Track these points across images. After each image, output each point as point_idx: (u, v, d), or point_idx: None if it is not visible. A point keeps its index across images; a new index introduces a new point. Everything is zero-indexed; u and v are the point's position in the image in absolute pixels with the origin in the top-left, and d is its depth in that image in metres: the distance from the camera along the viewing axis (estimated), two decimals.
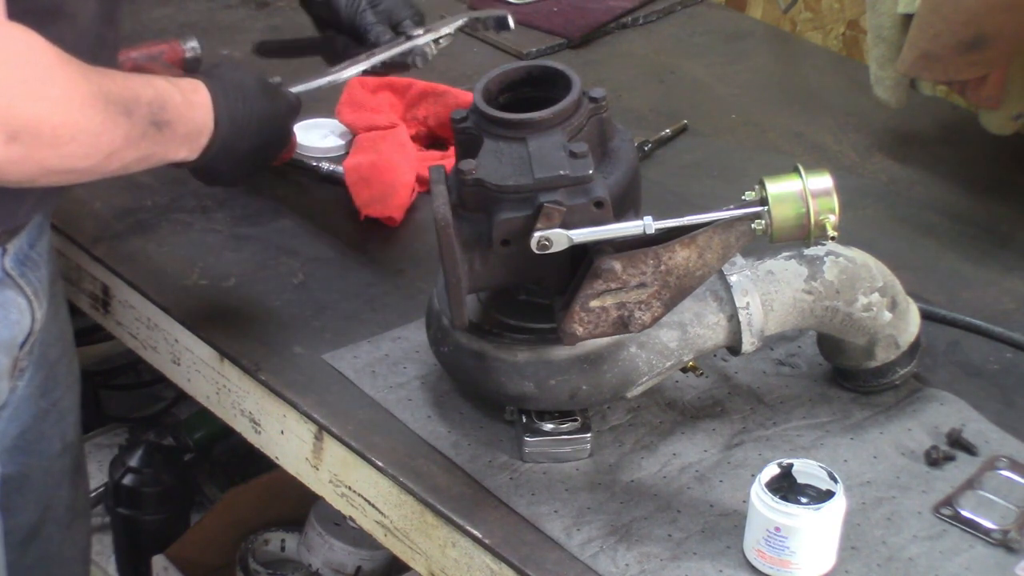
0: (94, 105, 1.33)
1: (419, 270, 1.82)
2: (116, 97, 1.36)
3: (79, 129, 1.32)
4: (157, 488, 2.53)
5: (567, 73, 1.51)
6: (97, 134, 1.34)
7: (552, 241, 1.43)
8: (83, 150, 1.34)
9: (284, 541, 2.46)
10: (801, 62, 2.41)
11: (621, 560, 1.44)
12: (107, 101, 1.35)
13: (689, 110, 2.21)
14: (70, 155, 1.33)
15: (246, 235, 1.87)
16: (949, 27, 1.88)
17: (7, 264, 1.51)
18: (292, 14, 2.40)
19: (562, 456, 1.55)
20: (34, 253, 1.55)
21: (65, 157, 1.33)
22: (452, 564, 1.51)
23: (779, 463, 1.44)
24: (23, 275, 1.53)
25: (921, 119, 2.19)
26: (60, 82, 1.30)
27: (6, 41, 1.26)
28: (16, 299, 1.54)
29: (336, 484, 1.61)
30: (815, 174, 1.45)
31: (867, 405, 1.63)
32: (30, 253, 1.54)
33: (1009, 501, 1.50)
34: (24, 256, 1.53)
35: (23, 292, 1.54)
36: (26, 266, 1.54)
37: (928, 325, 1.69)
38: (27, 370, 1.61)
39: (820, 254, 1.57)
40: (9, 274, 1.51)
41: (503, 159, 1.46)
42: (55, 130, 1.30)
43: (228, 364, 1.70)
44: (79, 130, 1.32)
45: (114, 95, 1.36)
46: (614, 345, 1.51)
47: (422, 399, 1.62)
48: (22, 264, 1.53)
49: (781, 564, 1.41)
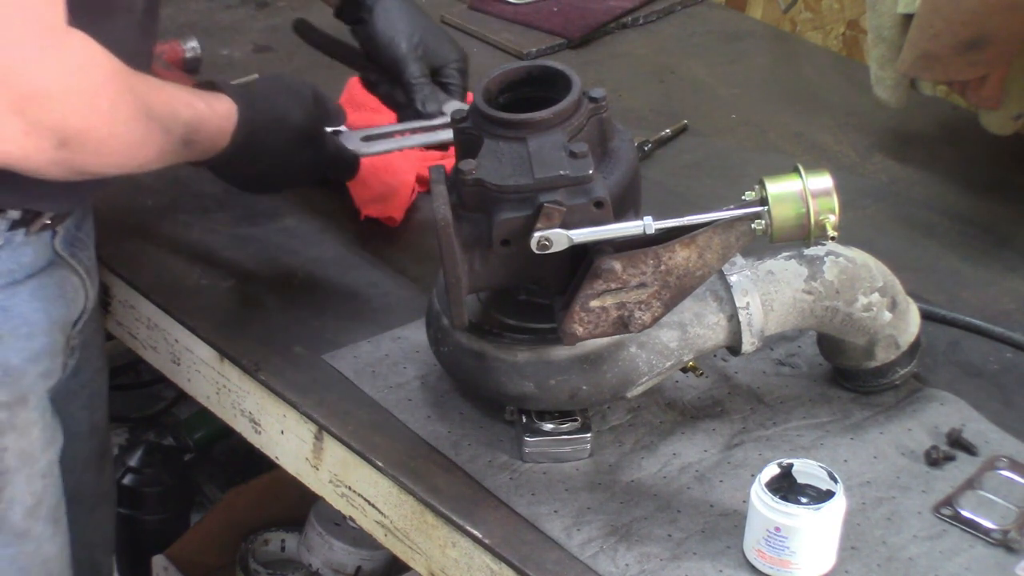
0: (137, 119, 1.42)
1: (419, 270, 1.82)
2: (158, 114, 1.44)
3: (122, 142, 1.42)
4: (157, 488, 2.54)
5: (567, 73, 1.51)
6: (136, 146, 1.44)
7: (552, 241, 1.43)
8: (121, 160, 1.44)
9: (284, 541, 2.46)
10: (801, 62, 2.41)
11: (621, 560, 1.44)
12: (149, 117, 1.43)
13: (689, 110, 2.21)
14: (109, 163, 1.43)
15: (246, 235, 1.87)
16: (949, 27, 1.88)
17: (57, 245, 1.57)
18: (292, 14, 2.40)
19: (562, 456, 1.55)
20: (81, 234, 1.62)
21: (104, 164, 1.43)
22: (452, 564, 1.51)
23: (779, 463, 1.44)
24: (73, 255, 1.59)
25: (921, 119, 2.19)
26: (111, 95, 1.38)
27: (64, 52, 1.34)
28: (70, 277, 1.60)
29: (336, 484, 1.61)
30: (815, 174, 1.45)
31: (867, 405, 1.63)
32: (77, 234, 1.60)
33: (1009, 501, 1.50)
34: (73, 237, 1.59)
35: (76, 271, 1.60)
36: (75, 247, 1.60)
37: (928, 325, 1.69)
38: (77, 349, 1.66)
39: (820, 254, 1.57)
40: (60, 255, 1.57)
41: (503, 159, 1.46)
42: (101, 141, 1.39)
43: (228, 364, 1.70)
44: (122, 142, 1.42)
45: (156, 111, 1.44)
46: (614, 345, 1.51)
47: (422, 399, 1.62)
48: (71, 245, 1.59)
49: (781, 564, 1.41)
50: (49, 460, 1.64)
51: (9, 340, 1.54)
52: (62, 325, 1.60)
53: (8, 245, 1.51)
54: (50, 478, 1.65)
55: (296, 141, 1.64)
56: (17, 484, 1.60)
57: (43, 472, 1.63)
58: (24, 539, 1.63)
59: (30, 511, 1.62)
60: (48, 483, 1.64)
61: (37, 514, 1.63)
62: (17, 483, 1.60)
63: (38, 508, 1.63)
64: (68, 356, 1.64)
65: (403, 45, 1.73)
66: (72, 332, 1.63)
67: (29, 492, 1.62)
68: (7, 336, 1.54)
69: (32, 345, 1.56)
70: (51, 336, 1.58)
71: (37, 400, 1.59)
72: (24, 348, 1.55)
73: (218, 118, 1.55)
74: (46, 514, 1.65)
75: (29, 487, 1.61)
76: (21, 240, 1.52)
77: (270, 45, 2.32)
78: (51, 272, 1.57)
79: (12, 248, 1.52)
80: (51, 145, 1.36)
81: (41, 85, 1.33)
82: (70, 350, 1.64)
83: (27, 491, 1.61)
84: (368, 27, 1.76)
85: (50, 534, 1.66)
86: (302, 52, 2.29)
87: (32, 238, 1.53)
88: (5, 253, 1.52)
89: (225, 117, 1.56)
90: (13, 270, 1.53)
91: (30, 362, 1.56)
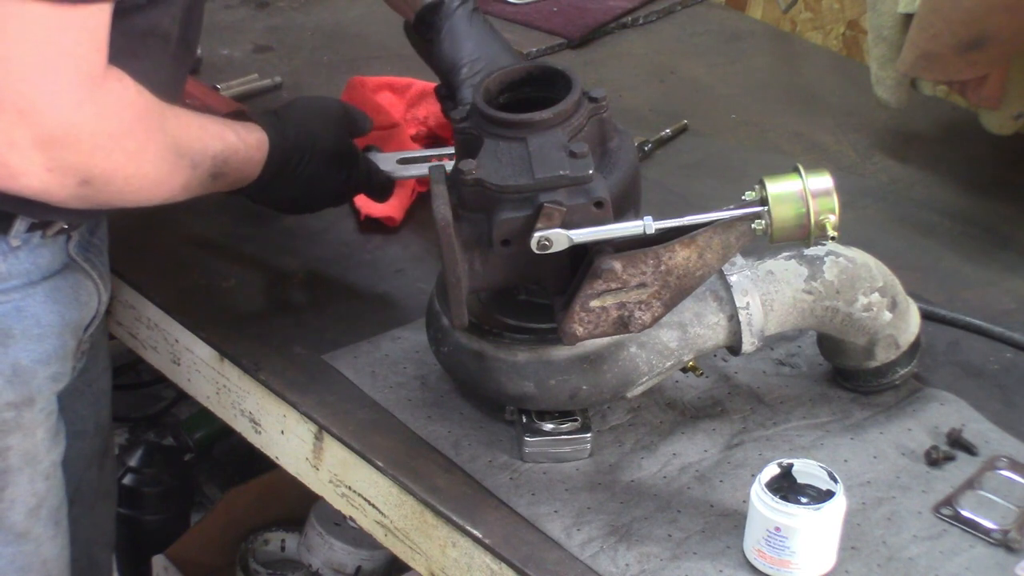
0: (165, 157, 1.43)
1: (419, 270, 1.82)
2: (186, 149, 1.46)
3: (148, 180, 1.43)
4: (157, 488, 2.53)
5: (567, 73, 1.51)
6: (162, 183, 1.45)
7: (552, 241, 1.43)
8: (145, 195, 1.45)
9: (284, 541, 2.46)
10: (801, 62, 2.41)
11: (621, 560, 1.44)
12: (177, 154, 1.45)
13: (689, 110, 2.21)
14: (132, 199, 1.44)
15: (246, 235, 1.87)
16: (949, 27, 1.88)
17: (71, 250, 1.57)
18: (292, 14, 2.41)
19: (562, 456, 1.55)
20: (96, 239, 1.62)
21: (127, 200, 1.44)
22: (452, 564, 1.51)
23: (779, 463, 1.44)
24: (87, 260, 1.60)
25: (921, 119, 2.19)
26: (139, 136, 1.39)
27: (99, 97, 1.34)
28: (85, 282, 1.60)
29: (336, 484, 1.61)
30: (815, 174, 1.45)
31: (867, 405, 1.63)
32: (92, 240, 1.61)
33: (1009, 501, 1.50)
34: (87, 242, 1.60)
35: (90, 276, 1.61)
36: (90, 252, 1.61)
37: (928, 325, 1.69)
38: (86, 353, 1.66)
39: (820, 254, 1.57)
40: (75, 259, 1.58)
41: (503, 159, 1.46)
42: (126, 179, 1.40)
43: (228, 364, 1.70)
44: (147, 180, 1.43)
45: (184, 147, 1.46)
46: (614, 345, 1.51)
47: (422, 399, 1.62)
48: (86, 250, 1.60)
49: (781, 564, 1.41)
50: (52, 461, 1.64)
51: (21, 340, 1.54)
52: (74, 328, 1.60)
53: (25, 246, 1.52)
54: (53, 479, 1.65)
55: (328, 165, 1.66)
56: (19, 484, 1.60)
57: (46, 473, 1.63)
58: (24, 539, 1.63)
59: (31, 511, 1.63)
60: (51, 484, 1.64)
61: (38, 515, 1.64)
62: (20, 483, 1.60)
63: (39, 509, 1.63)
64: (77, 360, 1.64)
65: (463, 71, 1.69)
66: (83, 336, 1.64)
67: (31, 492, 1.62)
68: (19, 336, 1.54)
69: (43, 347, 1.56)
70: (62, 339, 1.58)
71: (44, 402, 1.60)
72: (35, 349, 1.56)
73: (249, 149, 1.56)
74: (47, 515, 1.65)
75: (31, 487, 1.62)
76: (38, 242, 1.53)
77: (270, 45, 2.32)
78: (66, 275, 1.57)
79: (30, 249, 1.52)
80: (74, 182, 1.37)
81: (69, 126, 1.33)
82: (80, 354, 1.65)
83: (29, 491, 1.62)
84: (435, 48, 1.73)
85: (50, 535, 1.66)
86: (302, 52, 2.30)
87: (48, 241, 1.53)
88: (23, 253, 1.52)
89: (256, 148, 1.57)
90: (30, 271, 1.53)
91: (40, 363, 1.57)
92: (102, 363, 1.82)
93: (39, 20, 1.28)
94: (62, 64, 1.30)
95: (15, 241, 1.50)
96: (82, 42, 1.31)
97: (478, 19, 1.72)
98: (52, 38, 1.29)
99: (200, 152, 1.48)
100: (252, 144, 1.57)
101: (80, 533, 1.78)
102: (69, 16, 1.29)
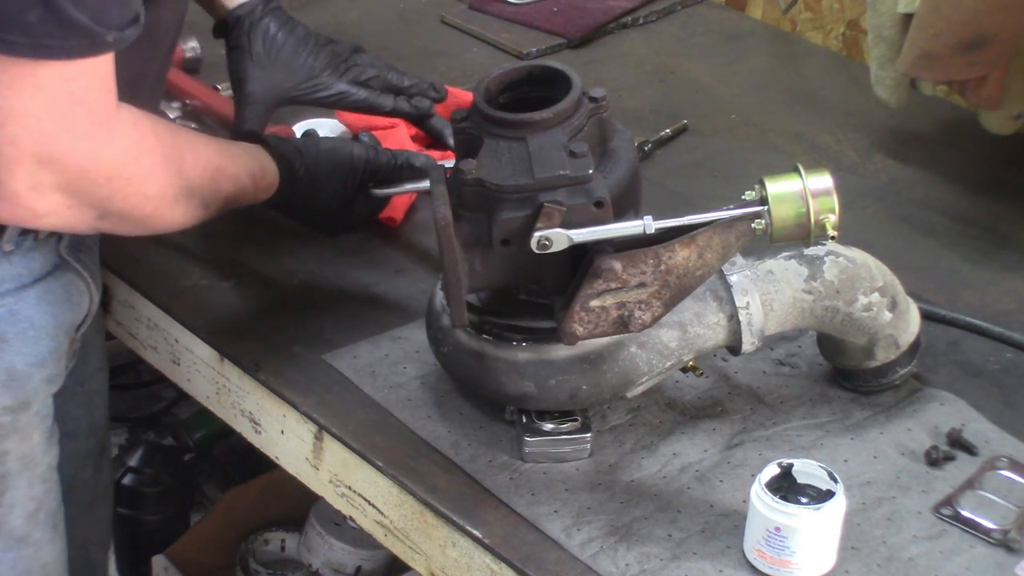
0: (178, 199, 1.49)
1: (419, 270, 1.82)
2: (199, 192, 1.52)
3: (163, 220, 1.50)
4: (157, 488, 2.53)
5: (567, 73, 1.51)
6: (175, 222, 1.52)
7: (552, 241, 1.43)
8: (155, 229, 1.52)
9: (284, 541, 2.46)
10: (801, 62, 2.41)
11: (621, 560, 1.44)
12: (191, 196, 1.51)
13: (689, 110, 2.21)
14: (146, 231, 1.51)
15: (246, 235, 1.87)
16: (949, 27, 1.88)
17: (62, 250, 1.58)
18: (292, 14, 2.40)
19: (562, 456, 1.55)
20: (87, 239, 1.63)
21: (138, 232, 1.51)
22: (452, 564, 1.51)
23: (779, 463, 1.44)
24: (79, 259, 1.60)
25: (921, 119, 2.19)
26: (160, 181, 1.46)
27: (116, 138, 1.40)
28: (77, 282, 1.61)
29: (336, 484, 1.61)
30: (815, 174, 1.45)
31: (867, 405, 1.63)
32: (83, 239, 1.62)
33: (1009, 501, 1.50)
34: (78, 242, 1.60)
35: (81, 275, 1.61)
36: (80, 251, 1.61)
37: (928, 325, 1.69)
38: (78, 352, 1.67)
39: (820, 254, 1.57)
40: (65, 259, 1.59)
41: (503, 159, 1.46)
42: (144, 218, 1.48)
43: (228, 364, 1.70)
44: (163, 221, 1.50)
45: (198, 190, 1.52)
46: (614, 345, 1.51)
47: (422, 399, 1.62)
48: (76, 250, 1.60)
49: (781, 564, 1.41)
50: (49, 465, 1.64)
51: (16, 344, 1.54)
52: (67, 329, 1.61)
53: (18, 250, 1.52)
54: (50, 483, 1.65)
55: (324, 216, 1.73)
56: (18, 488, 1.60)
57: (43, 476, 1.63)
58: (23, 544, 1.63)
59: (30, 515, 1.63)
60: (48, 487, 1.64)
61: (37, 519, 1.63)
62: (18, 487, 1.60)
63: (38, 512, 1.63)
64: (70, 360, 1.65)
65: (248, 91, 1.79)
66: (76, 336, 1.64)
67: (30, 496, 1.62)
68: (14, 340, 1.54)
69: (38, 349, 1.57)
70: (56, 340, 1.58)
71: (40, 405, 1.60)
72: (30, 352, 1.56)
73: (258, 192, 1.63)
74: (45, 519, 1.65)
75: (30, 491, 1.62)
76: (30, 245, 1.53)
77: None
78: (57, 276, 1.58)
79: (22, 253, 1.53)
80: (93, 217, 1.43)
81: (91, 168, 1.38)
82: (72, 353, 1.65)
83: (28, 495, 1.62)
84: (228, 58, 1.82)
85: (49, 539, 1.66)
86: None
87: (40, 243, 1.54)
88: (16, 257, 1.53)
89: (265, 191, 1.64)
90: (22, 275, 1.54)
91: (35, 366, 1.57)
92: (95, 363, 1.82)
93: (51, 76, 1.32)
94: (76, 112, 1.35)
95: (8, 246, 1.51)
96: (93, 88, 1.35)
97: (273, 34, 1.80)
98: (64, 89, 1.33)
99: (212, 194, 1.54)
100: (263, 188, 1.64)
101: (76, 534, 1.77)
102: (78, 67, 1.33)
